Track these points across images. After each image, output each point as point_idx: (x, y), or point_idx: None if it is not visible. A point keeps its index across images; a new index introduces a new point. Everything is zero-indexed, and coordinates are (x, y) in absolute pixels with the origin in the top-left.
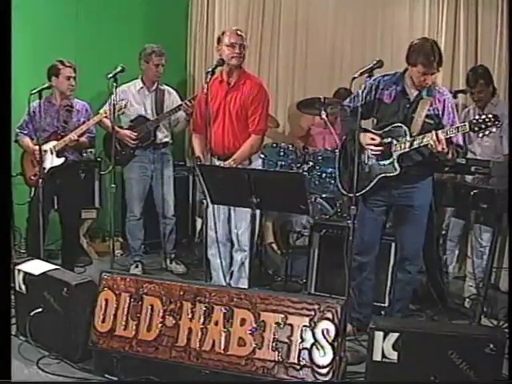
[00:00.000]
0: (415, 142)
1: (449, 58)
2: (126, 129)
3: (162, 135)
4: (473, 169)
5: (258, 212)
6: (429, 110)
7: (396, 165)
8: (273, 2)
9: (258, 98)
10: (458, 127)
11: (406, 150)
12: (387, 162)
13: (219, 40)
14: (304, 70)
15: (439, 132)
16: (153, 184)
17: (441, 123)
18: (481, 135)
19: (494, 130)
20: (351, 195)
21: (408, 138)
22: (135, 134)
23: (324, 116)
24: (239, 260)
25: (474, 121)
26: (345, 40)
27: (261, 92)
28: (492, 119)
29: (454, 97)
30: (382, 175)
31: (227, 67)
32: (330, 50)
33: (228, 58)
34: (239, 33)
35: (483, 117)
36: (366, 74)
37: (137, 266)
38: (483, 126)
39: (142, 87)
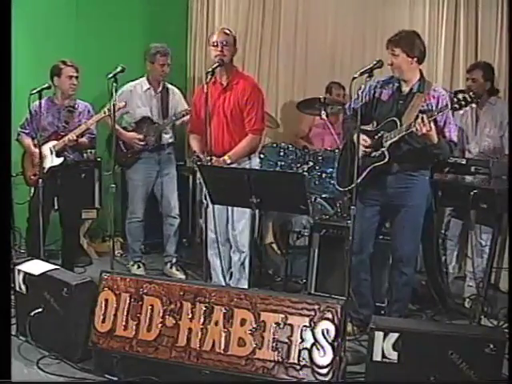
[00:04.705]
0: (404, 131)
1: (449, 58)
2: (130, 130)
3: (167, 136)
4: (473, 169)
5: (257, 212)
6: (422, 106)
7: (386, 153)
8: (273, 2)
9: (252, 97)
10: (440, 108)
11: (396, 138)
12: (378, 152)
13: None
14: (304, 70)
15: (424, 115)
16: (157, 184)
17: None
18: (462, 112)
19: (473, 105)
20: (347, 189)
21: (398, 129)
22: (141, 136)
23: (324, 116)
24: (237, 261)
25: (456, 99)
26: (345, 40)
27: (255, 92)
28: (472, 96)
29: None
30: (373, 165)
31: (219, 67)
32: (330, 51)
33: (213, 57)
34: (226, 31)
35: (465, 95)
36: (366, 74)
37: (139, 267)
38: (463, 103)
39: (148, 88)
